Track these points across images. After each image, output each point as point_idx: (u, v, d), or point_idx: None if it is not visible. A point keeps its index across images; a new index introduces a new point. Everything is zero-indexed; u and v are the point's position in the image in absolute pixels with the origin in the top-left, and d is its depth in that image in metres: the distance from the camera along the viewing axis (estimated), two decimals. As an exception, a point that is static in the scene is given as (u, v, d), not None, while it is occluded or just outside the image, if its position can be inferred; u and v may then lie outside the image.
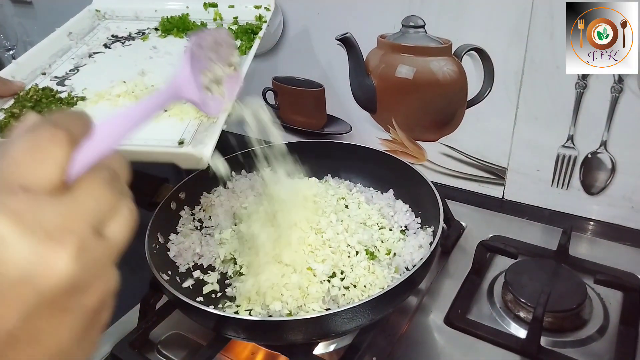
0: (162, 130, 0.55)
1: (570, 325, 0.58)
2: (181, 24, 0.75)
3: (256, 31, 0.72)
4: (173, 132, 0.54)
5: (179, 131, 0.54)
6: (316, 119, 0.96)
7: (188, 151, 0.51)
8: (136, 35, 0.76)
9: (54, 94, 0.60)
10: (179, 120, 0.56)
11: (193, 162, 0.50)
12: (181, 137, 0.53)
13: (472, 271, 0.67)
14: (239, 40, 0.71)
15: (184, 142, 0.52)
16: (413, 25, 0.76)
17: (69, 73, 0.66)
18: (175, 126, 0.56)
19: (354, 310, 0.50)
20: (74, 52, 0.72)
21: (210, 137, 0.52)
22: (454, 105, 0.79)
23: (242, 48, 0.69)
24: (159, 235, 0.66)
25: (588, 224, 0.75)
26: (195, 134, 0.54)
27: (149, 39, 0.74)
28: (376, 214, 0.68)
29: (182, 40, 0.74)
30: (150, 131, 0.53)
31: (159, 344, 0.61)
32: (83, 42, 0.74)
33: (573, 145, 0.72)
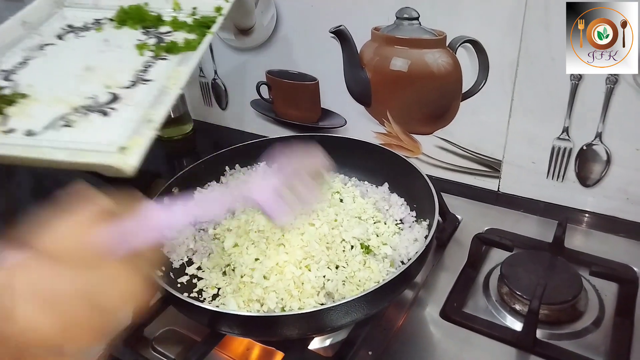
0: (96, 133, 0.51)
1: (566, 318, 0.58)
2: (137, 14, 0.72)
3: (210, 25, 0.68)
4: (107, 136, 0.50)
5: (114, 135, 0.50)
6: (311, 113, 0.95)
7: (110, 162, 0.46)
8: (91, 25, 0.72)
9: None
10: (114, 124, 0.52)
11: (115, 172, 0.47)
12: (125, 143, 0.49)
13: (467, 264, 0.67)
14: (192, 34, 0.67)
15: (126, 149, 0.48)
16: (407, 17, 0.75)
17: (17, 66, 0.62)
18: (108, 128, 0.52)
19: (349, 305, 0.49)
20: (25, 43, 0.67)
21: (139, 144, 0.48)
22: (449, 98, 0.78)
23: (192, 43, 0.65)
24: (152, 231, 0.65)
25: (583, 216, 0.75)
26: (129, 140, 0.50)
27: (103, 30, 0.72)
28: (371, 207, 0.68)
29: (136, 33, 0.70)
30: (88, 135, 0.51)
31: (154, 341, 0.61)
32: (36, 33, 0.69)
33: (568, 137, 0.72)
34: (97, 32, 0.70)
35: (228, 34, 0.96)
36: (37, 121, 0.53)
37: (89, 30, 0.71)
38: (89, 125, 0.53)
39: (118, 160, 0.47)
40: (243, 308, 0.55)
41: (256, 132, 1.04)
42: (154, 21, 0.71)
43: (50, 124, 0.52)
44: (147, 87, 0.58)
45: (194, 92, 1.10)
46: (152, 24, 0.71)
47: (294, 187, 0.51)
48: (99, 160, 0.48)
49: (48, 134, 0.51)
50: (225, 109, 1.08)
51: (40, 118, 0.53)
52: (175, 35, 0.68)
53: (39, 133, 0.52)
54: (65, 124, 0.53)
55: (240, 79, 1.01)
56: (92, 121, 0.53)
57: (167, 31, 0.70)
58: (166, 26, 0.71)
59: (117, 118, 0.54)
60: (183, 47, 0.64)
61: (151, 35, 0.69)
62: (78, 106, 0.55)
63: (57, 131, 0.52)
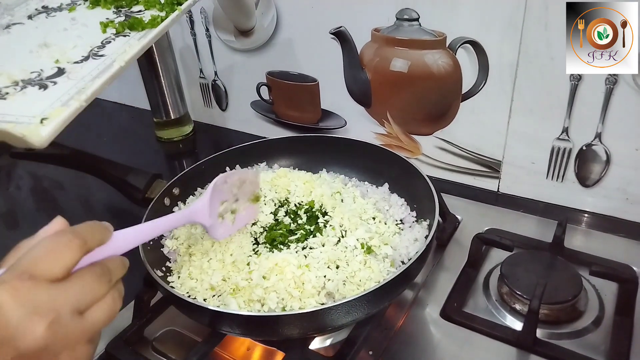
0: (25, 106, 0.50)
1: (566, 317, 0.58)
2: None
3: (181, 2, 0.67)
4: (37, 107, 0.49)
5: (45, 106, 0.49)
6: (311, 114, 0.95)
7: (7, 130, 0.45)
8: (66, 6, 0.71)
9: None
10: (46, 98, 0.51)
11: (21, 142, 0.45)
12: (46, 112, 0.47)
13: (467, 264, 0.67)
14: (163, 12, 0.66)
15: (46, 119, 0.47)
16: (407, 18, 0.76)
17: None
18: (40, 101, 0.50)
19: (350, 305, 0.50)
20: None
21: (58, 115, 0.47)
22: (449, 99, 0.79)
23: (157, 20, 0.63)
24: (153, 231, 0.65)
25: (583, 216, 0.76)
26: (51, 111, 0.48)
27: (75, 10, 0.70)
28: (371, 208, 0.68)
29: (107, 12, 0.69)
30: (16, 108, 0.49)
31: (154, 341, 0.61)
32: (9, 14, 0.69)
33: (568, 138, 0.72)
34: (69, 12, 0.69)
35: (228, 35, 0.96)
36: None
37: (62, 10, 0.70)
38: (22, 98, 0.52)
39: (28, 130, 0.45)
40: (244, 308, 0.55)
41: (256, 133, 1.05)
42: (127, 1, 0.70)
43: None
44: (96, 62, 0.56)
45: (194, 93, 1.11)
46: (126, 4, 0.70)
47: (235, 210, 0.60)
48: (7, 128, 0.46)
49: None
50: (226, 110, 1.08)
51: None
52: (145, 14, 0.66)
53: None
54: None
55: (240, 80, 1.01)
56: (28, 94, 0.52)
57: (139, 10, 0.68)
58: (139, 5, 0.69)
59: (54, 91, 0.52)
60: (147, 24, 0.62)
61: (122, 14, 0.67)
62: (19, 80, 0.54)
63: None
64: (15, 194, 1.04)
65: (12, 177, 1.10)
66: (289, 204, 0.67)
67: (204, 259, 0.60)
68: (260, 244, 0.62)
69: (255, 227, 0.63)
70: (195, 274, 0.59)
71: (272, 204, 0.67)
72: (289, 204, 0.67)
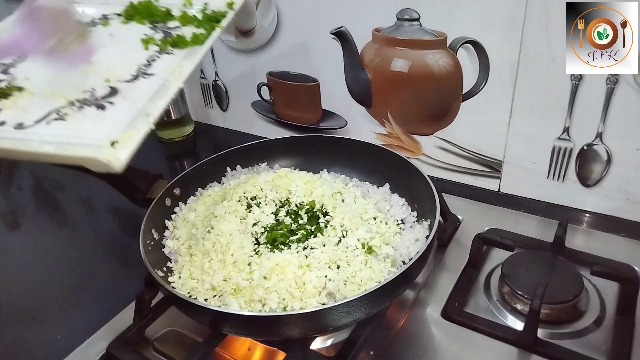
0: (89, 127, 0.50)
1: (567, 317, 0.58)
2: (145, 10, 0.72)
3: (220, 19, 0.67)
4: (101, 130, 0.49)
5: (108, 129, 0.49)
6: (311, 114, 0.95)
7: (95, 156, 0.45)
8: (98, 21, 0.72)
9: None
10: (109, 119, 0.51)
11: (103, 166, 0.45)
12: (117, 137, 0.47)
13: (468, 264, 0.67)
14: (201, 29, 0.66)
15: (116, 143, 0.47)
16: (408, 18, 0.76)
17: (17, 60, 0.61)
18: (102, 122, 0.50)
19: (351, 305, 0.50)
20: None
21: (131, 138, 0.47)
22: (450, 99, 0.79)
23: (200, 38, 0.64)
24: (154, 231, 0.65)
25: (584, 216, 0.76)
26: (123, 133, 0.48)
27: (109, 25, 0.71)
28: (372, 208, 0.68)
29: (143, 28, 0.68)
30: (80, 129, 0.50)
31: (155, 341, 0.61)
32: None
33: (569, 137, 0.72)
34: (103, 27, 0.70)
35: (229, 35, 0.96)
36: (30, 114, 0.52)
37: (95, 25, 0.71)
38: (82, 119, 0.51)
39: (106, 154, 0.45)
40: (244, 308, 0.55)
41: (257, 133, 1.05)
42: (162, 16, 0.71)
43: (43, 118, 0.51)
44: (148, 82, 0.57)
45: (195, 93, 1.11)
46: (161, 19, 0.71)
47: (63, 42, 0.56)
48: (87, 154, 0.46)
49: (39, 128, 0.50)
50: (226, 110, 1.08)
51: (33, 111, 0.52)
52: (183, 30, 0.67)
53: (29, 126, 0.50)
54: (58, 118, 0.51)
55: (241, 81, 1.01)
56: (87, 115, 0.52)
57: (176, 26, 0.69)
58: (175, 21, 0.70)
59: (114, 112, 0.52)
60: (190, 42, 0.63)
61: (158, 30, 0.68)
62: (74, 100, 0.54)
63: (49, 125, 0.51)
64: (16, 194, 1.04)
65: (13, 177, 1.11)
66: (290, 204, 0.67)
67: (204, 259, 0.60)
68: (261, 244, 0.62)
69: (257, 228, 0.63)
70: (196, 274, 0.59)
71: (273, 204, 0.67)
72: (290, 204, 0.67)
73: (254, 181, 0.69)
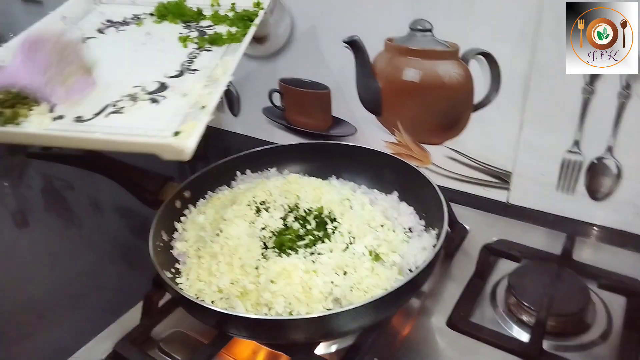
0: (148, 119, 0.54)
1: (573, 329, 0.58)
2: (177, 9, 0.74)
3: (252, 18, 0.71)
4: (159, 122, 0.53)
5: (166, 121, 0.53)
6: (322, 121, 0.96)
7: (170, 142, 0.49)
8: (131, 20, 0.74)
9: None
10: (165, 111, 0.55)
11: (175, 153, 0.49)
12: (179, 128, 0.51)
13: (475, 274, 0.67)
14: (234, 27, 0.70)
15: (180, 133, 0.50)
16: (421, 28, 0.76)
17: None
18: (159, 114, 0.54)
19: (357, 311, 0.50)
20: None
21: (195, 127, 0.51)
22: (460, 109, 0.79)
23: (237, 35, 0.68)
24: (163, 233, 0.66)
25: (592, 229, 0.75)
26: (182, 125, 0.52)
27: (143, 25, 0.73)
28: (380, 215, 0.68)
29: (177, 27, 0.72)
30: (139, 121, 0.53)
31: (161, 342, 0.61)
32: (77, 27, 0.72)
33: (579, 151, 0.72)
34: (137, 27, 0.72)
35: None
36: (86, 108, 0.55)
37: (128, 24, 0.73)
38: (139, 112, 0.55)
39: (177, 141, 0.49)
40: (251, 311, 0.55)
41: (267, 138, 1.05)
42: (194, 16, 0.74)
43: (100, 111, 0.54)
44: (194, 77, 0.60)
45: (207, 98, 1.12)
46: (192, 18, 0.73)
47: (63, 75, 0.57)
48: (158, 140, 0.50)
49: (98, 120, 0.53)
50: (237, 115, 1.09)
51: (88, 105, 0.55)
52: (217, 29, 0.70)
53: (88, 119, 0.54)
54: (115, 111, 0.55)
55: (253, 86, 1.02)
56: (142, 108, 0.55)
57: (208, 25, 0.72)
58: (207, 20, 0.73)
59: (167, 105, 0.56)
60: (227, 39, 0.67)
61: (192, 28, 0.71)
62: (127, 94, 0.57)
63: (107, 117, 0.54)
64: (26, 193, 1.05)
65: (23, 176, 1.12)
66: (299, 209, 0.67)
67: (212, 262, 0.61)
68: (269, 249, 0.62)
69: (265, 232, 0.64)
70: (204, 277, 0.60)
71: (282, 209, 0.67)
72: (299, 209, 0.67)
73: (263, 186, 0.70)
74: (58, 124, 0.53)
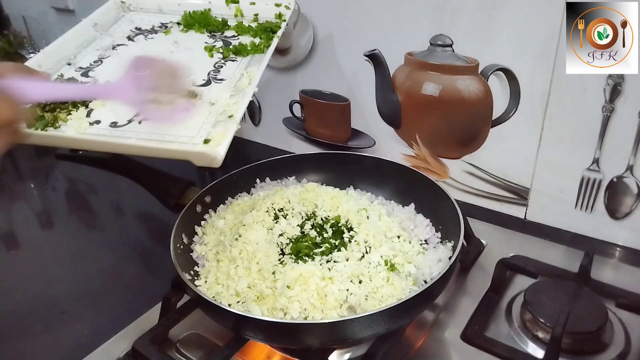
0: (180, 126, 0.56)
1: (589, 348, 0.57)
2: (203, 19, 0.77)
3: (275, 30, 0.74)
4: (188, 129, 0.56)
5: (195, 129, 0.55)
6: (341, 132, 0.97)
7: (204, 150, 0.52)
8: (159, 28, 0.77)
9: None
10: (195, 119, 0.58)
11: (207, 160, 0.52)
12: (208, 136, 0.54)
13: (490, 289, 0.67)
14: (257, 38, 0.73)
15: (210, 141, 0.53)
16: (441, 44, 0.77)
17: (92, 64, 0.67)
18: (189, 122, 0.57)
19: (371, 318, 0.50)
20: (98, 43, 0.73)
21: (225, 136, 0.53)
22: (479, 124, 0.79)
23: (260, 46, 0.70)
24: (184, 236, 0.67)
25: (612, 248, 0.75)
26: (211, 133, 0.55)
27: (171, 33, 0.76)
28: (397, 226, 0.69)
29: (202, 36, 0.75)
30: (171, 128, 0.56)
31: (178, 343, 0.62)
32: (107, 34, 0.75)
33: (598, 169, 0.72)
34: (165, 35, 0.75)
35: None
36: (119, 115, 0.58)
37: (157, 32, 0.76)
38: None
39: (210, 149, 0.51)
40: (266, 316, 0.56)
41: (286, 148, 1.07)
42: (219, 26, 0.77)
43: (133, 117, 0.57)
44: (220, 86, 0.63)
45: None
46: (218, 28, 0.76)
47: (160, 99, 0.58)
48: (192, 148, 0.52)
49: (131, 127, 0.56)
50: (258, 125, 1.11)
51: (121, 112, 0.58)
52: (240, 39, 0.73)
53: (122, 125, 0.57)
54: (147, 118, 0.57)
55: (273, 97, 1.04)
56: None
57: (233, 35, 0.75)
58: (231, 30, 0.76)
59: (196, 113, 0.58)
60: (251, 50, 0.70)
61: (217, 38, 0.74)
62: (157, 102, 0.58)
63: (140, 124, 0.57)
64: (51, 195, 1.08)
65: (49, 178, 1.15)
66: (316, 217, 0.69)
67: (231, 266, 0.62)
68: (286, 255, 0.63)
69: (282, 238, 0.65)
70: (222, 280, 0.61)
71: (300, 216, 0.68)
72: (316, 217, 0.69)
73: (282, 193, 0.71)
74: (95, 128, 0.56)
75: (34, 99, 0.49)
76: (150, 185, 0.76)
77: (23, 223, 0.98)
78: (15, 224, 0.99)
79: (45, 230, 0.97)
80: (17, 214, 1.02)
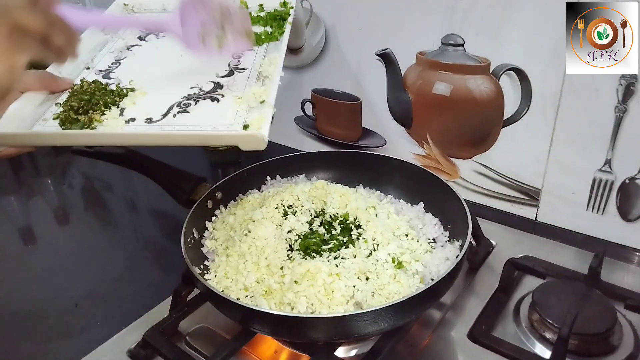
0: (214, 116, 0.58)
1: (597, 350, 0.57)
2: None
3: (285, 17, 0.75)
4: (224, 118, 0.57)
5: (231, 117, 0.57)
6: (352, 131, 0.98)
7: (253, 133, 0.54)
8: None
9: (105, 86, 0.62)
10: (227, 108, 0.59)
11: (255, 143, 0.54)
12: (245, 122, 0.56)
13: (499, 289, 0.67)
14: (268, 27, 0.74)
15: (249, 126, 0.55)
16: (452, 43, 0.78)
17: (111, 66, 0.68)
18: (223, 111, 0.58)
19: (377, 313, 0.51)
20: (111, 46, 0.74)
21: (263, 119, 0.55)
22: (490, 124, 0.79)
23: (273, 34, 0.72)
24: (195, 231, 0.68)
25: (623, 250, 0.74)
26: (247, 119, 0.56)
27: None
28: (405, 224, 0.69)
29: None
30: (206, 118, 0.57)
31: (187, 335, 0.63)
32: (118, 36, 0.76)
33: (610, 170, 0.71)
34: None
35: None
36: (153, 110, 0.59)
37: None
38: (203, 110, 0.59)
39: (255, 132, 0.53)
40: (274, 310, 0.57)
41: (297, 147, 1.08)
42: None
43: (167, 112, 0.58)
44: (244, 75, 0.65)
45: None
46: None
47: (221, 37, 0.61)
48: (238, 132, 0.54)
49: (167, 120, 0.57)
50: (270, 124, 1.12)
51: (154, 107, 0.59)
52: (253, 29, 0.74)
53: (158, 120, 0.57)
54: (181, 110, 0.59)
55: (286, 96, 1.05)
56: (205, 106, 0.59)
57: None
58: None
59: (227, 102, 0.60)
60: (265, 38, 0.71)
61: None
62: (186, 95, 0.61)
63: (175, 117, 0.58)
64: (67, 192, 1.11)
65: (66, 175, 1.18)
66: (325, 214, 0.69)
67: (240, 260, 0.63)
68: (295, 251, 0.64)
69: (291, 235, 0.66)
70: (231, 274, 0.62)
71: (309, 213, 0.69)
72: (325, 214, 0.69)
73: (291, 190, 0.72)
74: (131, 126, 0.57)
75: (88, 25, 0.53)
76: (163, 180, 0.77)
77: (40, 218, 1.00)
78: (32, 219, 1.01)
79: (61, 225, 0.99)
80: (35, 210, 1.05)
